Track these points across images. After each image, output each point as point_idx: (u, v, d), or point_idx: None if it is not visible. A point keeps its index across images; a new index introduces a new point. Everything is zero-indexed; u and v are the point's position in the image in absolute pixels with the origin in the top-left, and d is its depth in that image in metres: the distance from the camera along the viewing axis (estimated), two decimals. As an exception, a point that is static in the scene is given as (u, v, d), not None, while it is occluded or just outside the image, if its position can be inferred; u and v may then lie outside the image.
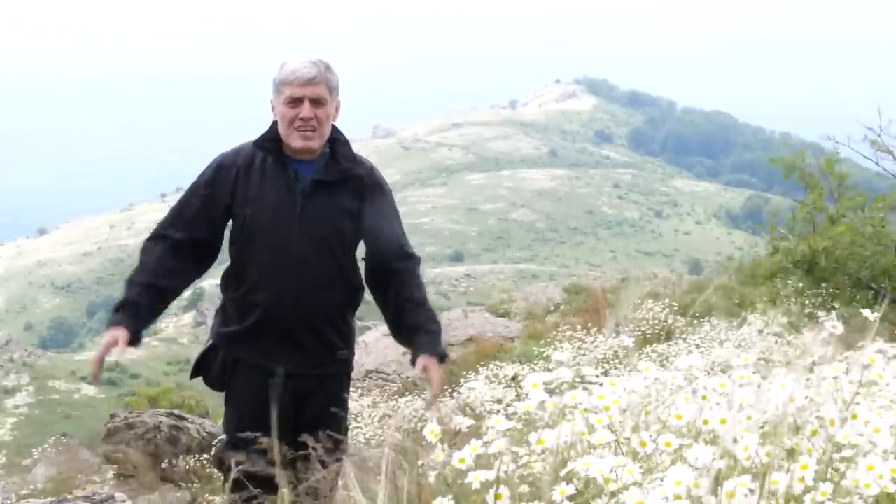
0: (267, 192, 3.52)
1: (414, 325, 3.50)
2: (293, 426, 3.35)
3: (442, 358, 3.46)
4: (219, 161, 3.60)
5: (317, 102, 3.47)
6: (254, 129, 3.66)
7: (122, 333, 3.37)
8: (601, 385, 2.09)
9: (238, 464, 3.10)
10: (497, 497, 1.89)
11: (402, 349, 3.83)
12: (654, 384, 2.11)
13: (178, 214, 3.60)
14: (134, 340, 3.40)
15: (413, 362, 3.46)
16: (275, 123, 3.55)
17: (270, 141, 3.55)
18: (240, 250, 3.56)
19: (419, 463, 2.12)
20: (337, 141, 3.60)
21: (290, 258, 3.49)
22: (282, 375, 3.50)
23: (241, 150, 3.61)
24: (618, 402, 2.01)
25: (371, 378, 12.59)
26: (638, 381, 2.11)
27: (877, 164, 11.34)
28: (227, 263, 3.68)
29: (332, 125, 3.58)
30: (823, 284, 9.17)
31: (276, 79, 3.53)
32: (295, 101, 3.46)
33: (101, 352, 3.37)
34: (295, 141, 3.50)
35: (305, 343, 3.52)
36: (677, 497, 1.71)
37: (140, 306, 3.44)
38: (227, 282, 3.63)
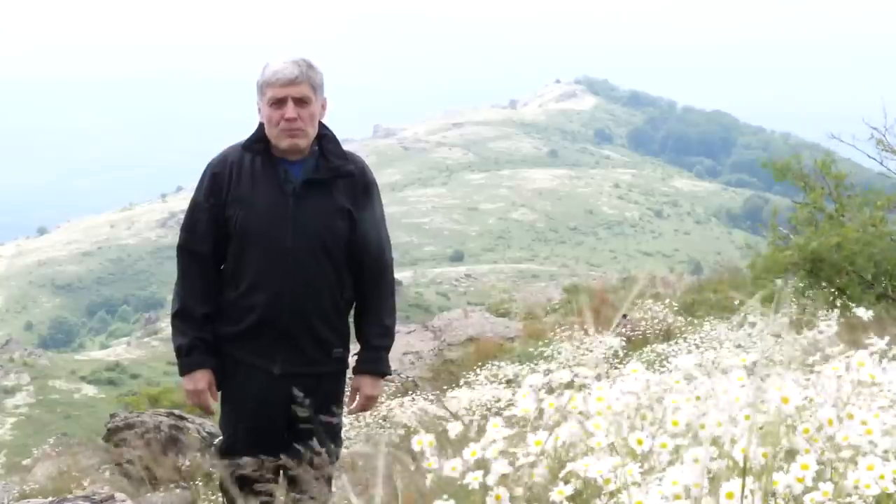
0: (258, 194, 3.51)
1: (365, 336, 3.65)
2: (288, 425, 3.36)
3: (382, 374, 3.66)
4: (211, 170, 3.59)
5: (301, 102, 3.44)
6: (253, 129, 3.65)
7: (204, 380, 3.53)
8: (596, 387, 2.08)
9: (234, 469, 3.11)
10: (497, 498, 1.88)
11: (400, 349, 3.93)
12: (650, 385, 2.10)
13: (193, 231, 3.60)
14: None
15: (354, 371, 3.65)
16: (262, 125, 3.54)
17: (259, 142, 3.54)
18: (234, 252, 3.55)
19: (414, 467, 2.11)
20: (325, 138, 3.58)
21: (285, 259, 3.48)
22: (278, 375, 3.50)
23: (228, 154, 3.59)
24: (610, 409, 2.00)
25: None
26: (633, 382, 2.10)
27: (881, 163, 11.29)
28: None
29: (320, 122, 3.56)
30: (825, 284, 9.12)
31: (259, 81, 3.51)
32: (278, 102, 3.44)
33: (206, 404, 3.59)
34: (282, 142, 3.48)
35: (301, 343, 3.52)
36: (676, 497, 1.71)
37: (196, 348, 3.53)
38: (223, 283, 3.61)
